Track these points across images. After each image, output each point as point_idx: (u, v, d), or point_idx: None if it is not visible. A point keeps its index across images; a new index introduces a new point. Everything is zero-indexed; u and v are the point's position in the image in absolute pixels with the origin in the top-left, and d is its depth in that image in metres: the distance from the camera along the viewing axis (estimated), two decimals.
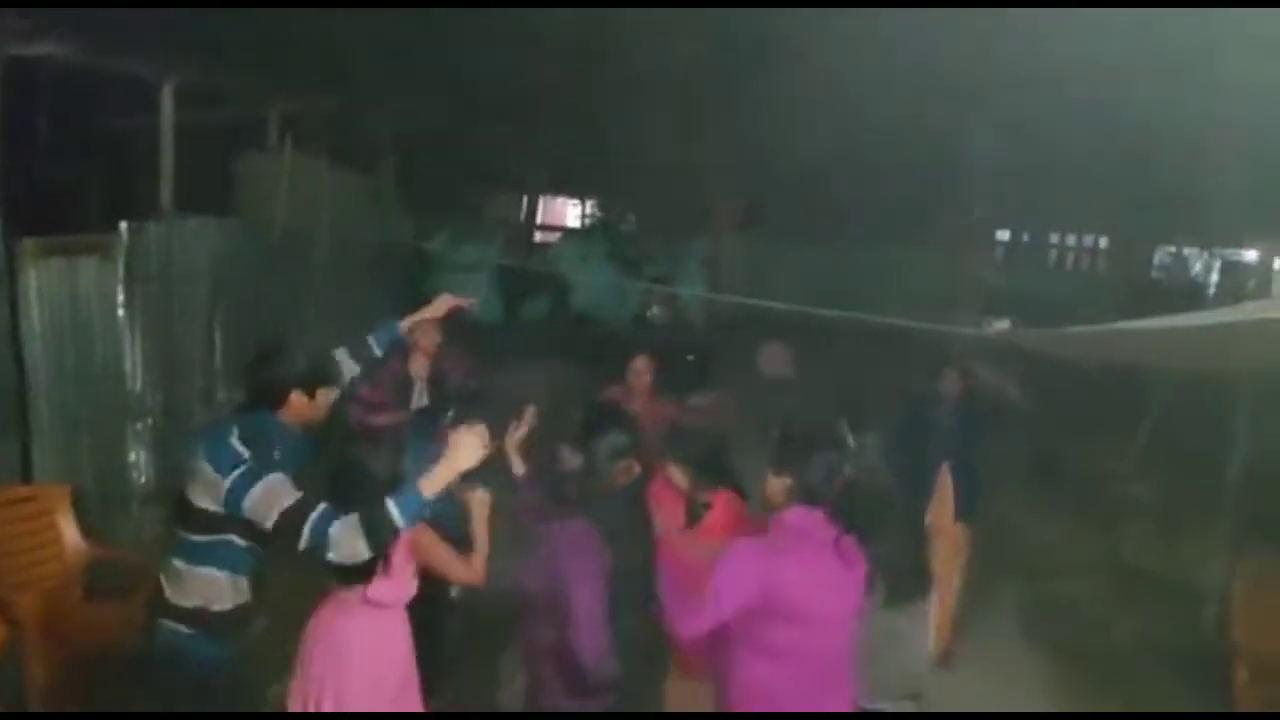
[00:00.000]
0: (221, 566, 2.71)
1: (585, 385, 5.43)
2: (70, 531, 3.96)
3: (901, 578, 4.72)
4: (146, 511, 5.12)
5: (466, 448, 2.42)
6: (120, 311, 5.04)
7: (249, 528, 2.61)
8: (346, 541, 2.39)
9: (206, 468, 2.59)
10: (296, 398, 2.78)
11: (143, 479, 5.16)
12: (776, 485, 2.58)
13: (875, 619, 3.02)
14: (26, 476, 4.42)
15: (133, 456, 5.10)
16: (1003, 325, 4.28)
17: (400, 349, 3.66)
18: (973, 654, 4.98)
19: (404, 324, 3.43)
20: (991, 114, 9.75)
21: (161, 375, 5.28)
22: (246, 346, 5.89)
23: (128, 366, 5.13)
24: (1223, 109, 7.83)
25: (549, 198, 16.54)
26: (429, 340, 4.09)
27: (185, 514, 2.68)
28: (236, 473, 2.54)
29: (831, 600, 2.52)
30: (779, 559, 2.48)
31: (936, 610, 4.85)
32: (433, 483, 2.40)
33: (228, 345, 5.86)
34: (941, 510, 4.71)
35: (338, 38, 7.44)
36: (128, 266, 5.07)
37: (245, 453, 2.58)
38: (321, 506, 2.46)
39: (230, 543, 2.69)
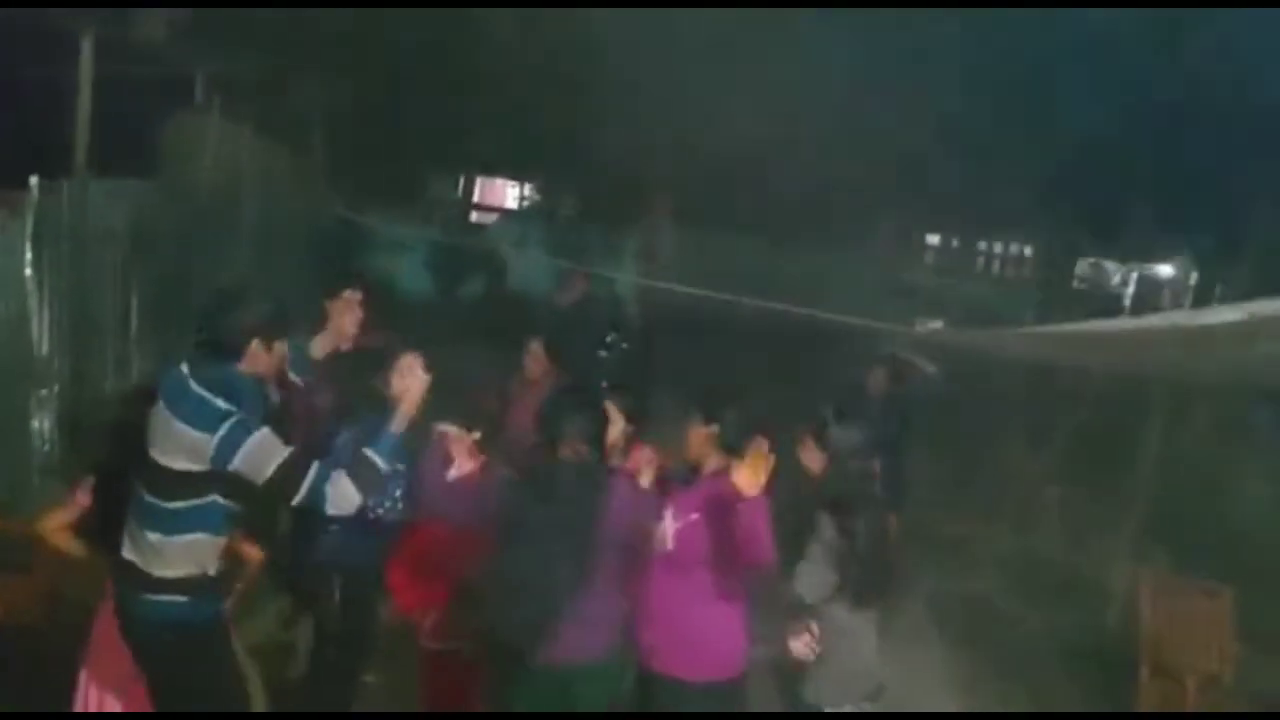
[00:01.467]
0: (206, 530, 2.58)
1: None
2: None
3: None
4: (49, 483, 4.88)
5: (412, 382, 2.69)
6: (27, 270, 4.79)
7: (235, 484, 2.52)
8: (342, 493, 2.49)
9: (181, 426, 2.46)
10: (256, 347, 2.62)
11: (46, 448, 4.92)
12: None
13: (830, 618, 3.06)
14: None
15: (36, 424, 4.86)
16: (935, 325, 4.38)
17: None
18: (890, 648, 5.08)
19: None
20: (927, 119, 9.91)
21: (71, 340, 5.03)
22: (164, 314, 5.68)
23: (33, 330, 4.88)
24: (1145, 127, 8.12)
25: (487, 179, 16.31)
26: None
27: (156, 480, 2.52)
28: (225, 426, 2.44)
29: None
30: None
31: None
32: (399, 420, 2.62)
33: (144, 312, 5.62)
34: None
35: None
36: (36, 224, 4.81)
37: (226, 405, 2.48)
38: (316, 462, 2.50)
39: (213, 504, 2.56)
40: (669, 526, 3.12)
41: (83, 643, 2.99)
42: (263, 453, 2.46)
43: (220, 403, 2.49)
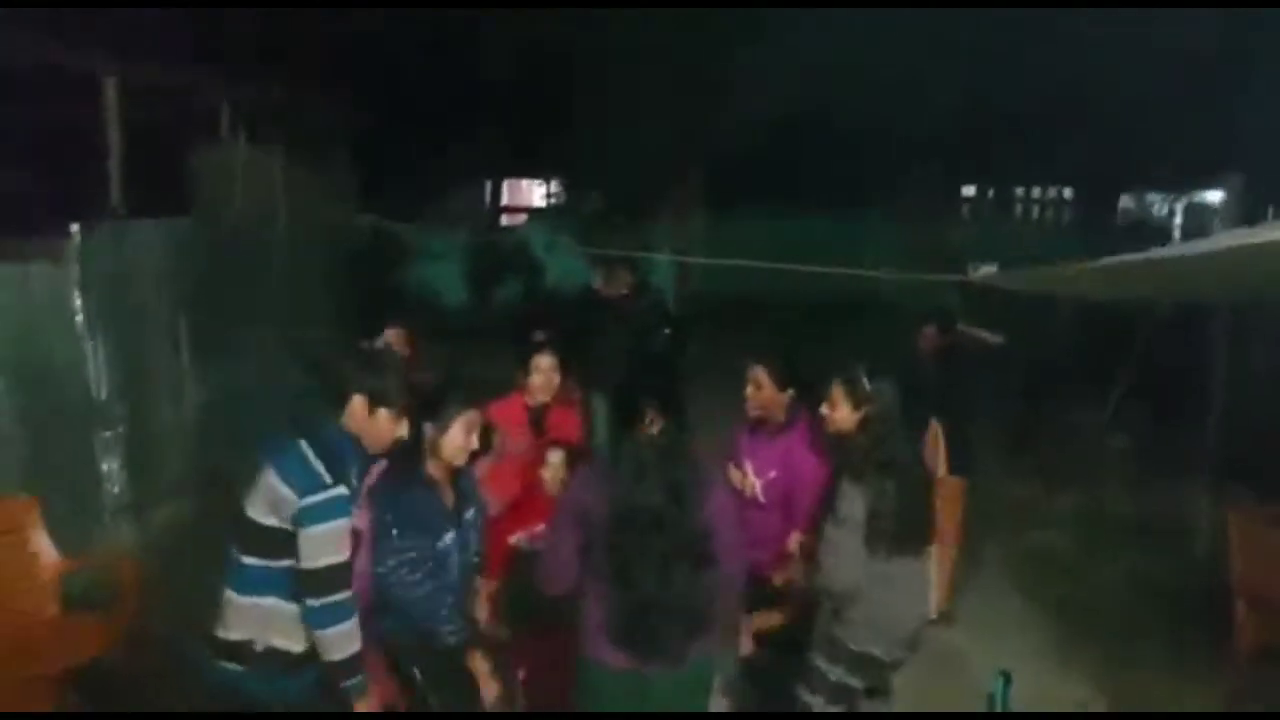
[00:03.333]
0: (276, 594, 2.48)
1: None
2: (42, 544, 3.82)
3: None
4: (120, 522, 4.98)
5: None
6: (78, 317, 4.87)
7: None
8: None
9: (278, 483, 2.43)
10: (359, 403, 2.54)
11: (115, 489, 5.01)
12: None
13: (873, 566, 2.95)
14: None
15: (104, 466, 4.94)
16: (989, 269, 4.26)
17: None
18: (968, 612, 4.99)
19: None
20: (950, 69, 9.71)
21: (126, 380, 5.11)
22: (213, 346, 5.76)
23: (90, 373, 4.97)
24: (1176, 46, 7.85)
25: (512, 180, 16.35)
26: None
27: (242, 532, 2.48)
28: (320, 495, 2.39)
29: None
30: None
31: (936, 569, 4.84)
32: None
33: (193, 346, 5.70)
34: (934, 466, 4.69)
35: (278, 26, 7.23)
36: (82, 270, 4.89)
37: (326, 476, 2.42)
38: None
39: (289, 569, 2.45)
40: (755, 481, 3.36)
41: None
42: (328, 542, 2.41)
43: (318, 466, 2.43)
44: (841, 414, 3.11)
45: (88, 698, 3.63)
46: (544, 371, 3.71)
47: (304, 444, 2.47)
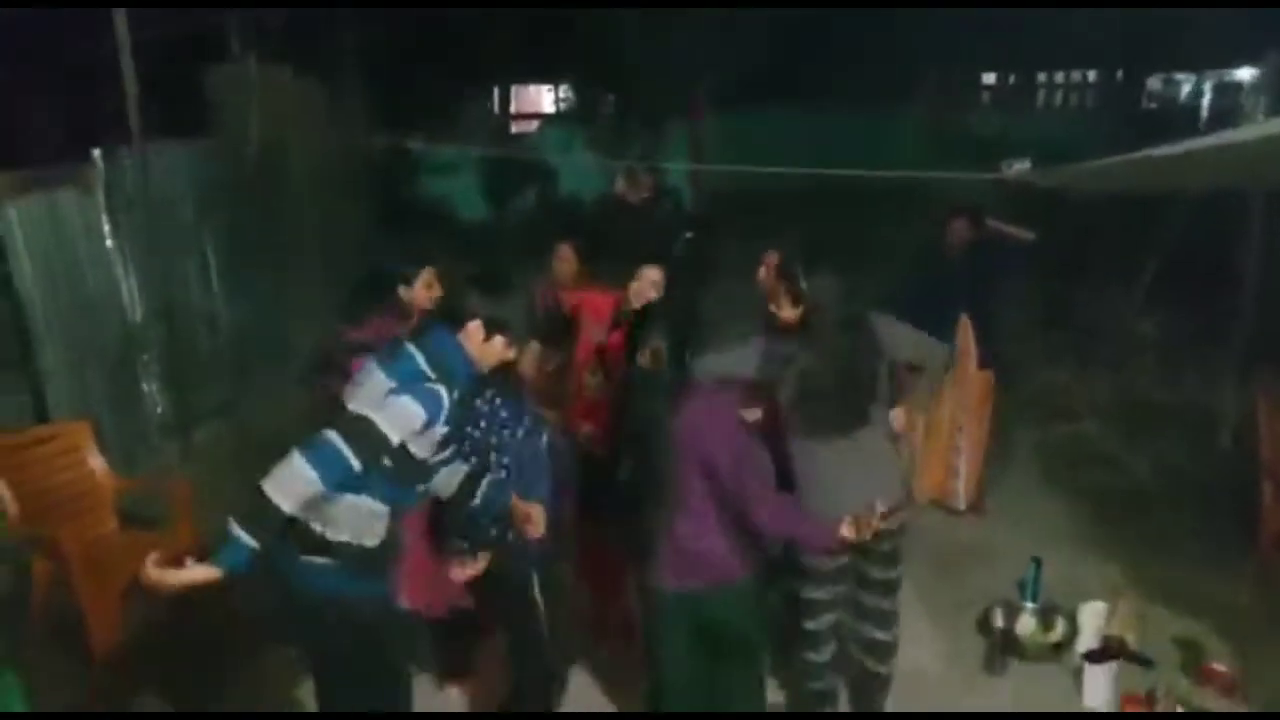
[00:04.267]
0: (369, 494, 2.44)
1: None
2: (98, 465, 3.95)
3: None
4: (167, 442, 5.11)
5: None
6: (108, 242, 4.91)
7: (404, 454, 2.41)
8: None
9: (379, 373, 2.42)
10: (475, 327, 2.58)
11: (159, 409, 5.13)
12: None
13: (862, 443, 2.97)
14: (42, 418, 4.38)
15: (145, 388, 5.05)
16: (1023, 166, 4.18)
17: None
18: (999, 502, 5.08)
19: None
20: None
21: (160, 303, 5.17)
22: (241, 266, 5.80)
23: (124, 298, 5.03)
24: None
25: (522, 86, 16.03)
26: None
27: (346, 428, 2.37)
28: (413, 388, 2.37)
29: None
30: None
31: (965, 460, 4.92)
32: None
33: (221, 267, 5.74)
34: (965, 360, 4.71)
35: None
36: (107, 195, 4.91)
37: (430, 372, 2.43)
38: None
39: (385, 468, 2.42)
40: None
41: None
42: (405, 416, 2.35)
43: (422, 362, 2.44)
44: (785, 311, 3.09)
45: (154, 609, 3.84)
46: (645, 279, 3.65)
47: (412, 347, 2.49)
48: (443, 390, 2.42)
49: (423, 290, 3.29)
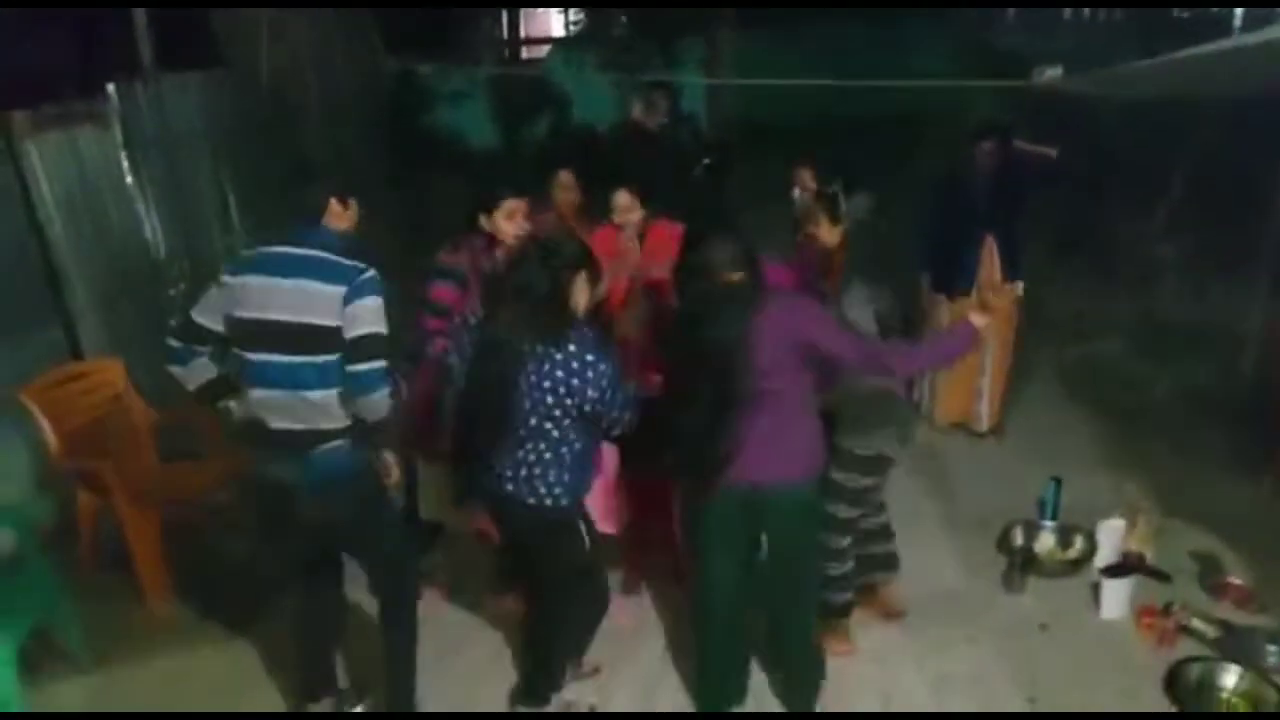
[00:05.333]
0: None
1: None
2: (133, 399, 4.04)
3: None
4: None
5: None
6: (128, 178, 4.92)
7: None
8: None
9: (321, 287, 2.55)
10: (334, 205, 2.76)
11: None
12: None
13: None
14: (76, 355, 4.45)
15: (174, 323, 5.10)
16: (1055, 72, 4.10)
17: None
18: (1019, 421, 5.12)
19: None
20: None
21: (183, 239, 5.20)
22: (260, 197, 5.79)
23: (148, 234, 5.06)
24: None
25: (531, 9, 15.66)
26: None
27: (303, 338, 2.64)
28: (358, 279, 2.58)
29: None
30: None
31: (989, 382, 4.94)
32: None
33: (240, 199, 5.74)
34: (989, 281, 4.69)
35: None
36: (124, 131, 4.90)
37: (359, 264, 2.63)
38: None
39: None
40: None
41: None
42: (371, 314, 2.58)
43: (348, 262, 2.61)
44: (824, 231, 3.25)
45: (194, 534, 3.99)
46: (621, 210, 3.71)
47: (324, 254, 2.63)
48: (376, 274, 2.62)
49: (504, 221, 3.29)
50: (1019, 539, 4.02)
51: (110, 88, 4.85)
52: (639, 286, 3.49)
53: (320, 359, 2.55)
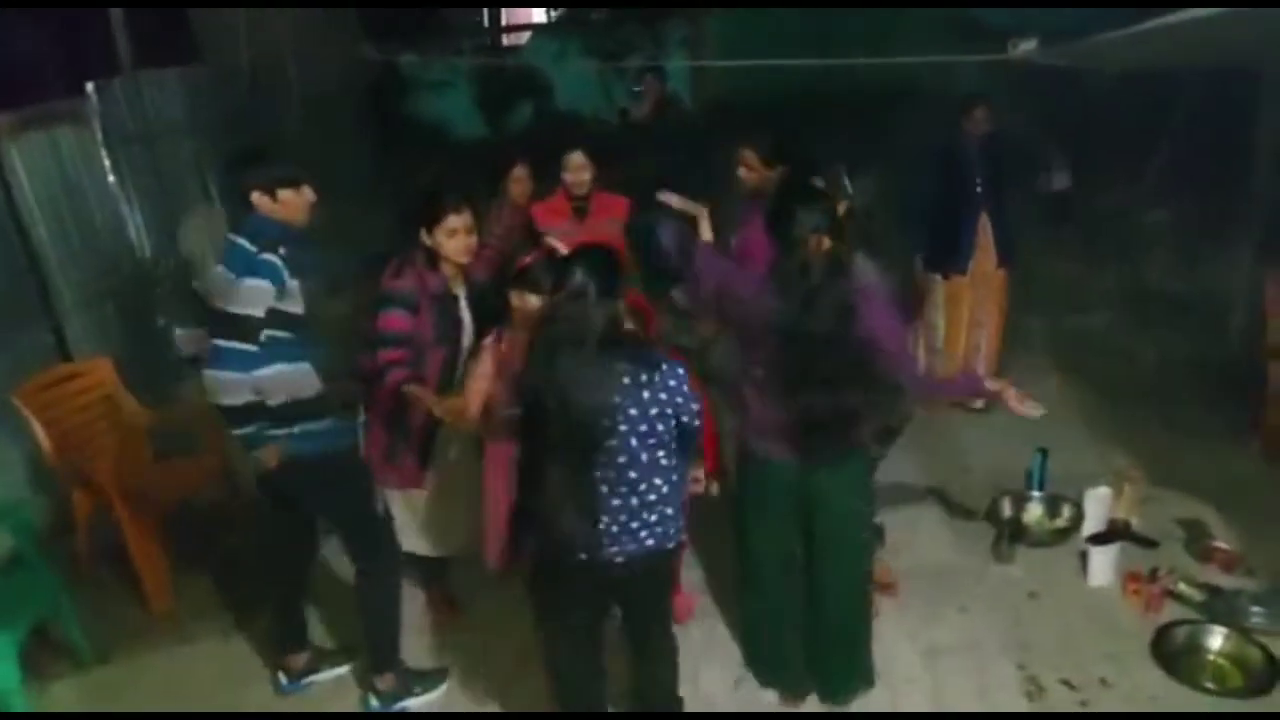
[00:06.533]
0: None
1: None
2: (125, 399, 4.04)
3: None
4: (188, 371, 5.18)
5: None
6: (110, 177, 4.90)
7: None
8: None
9: (222, 271, 2.75)
10: (258, 198, 2.78)
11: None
12: None
13: None
14: (65, 356, 4.45)
15: (162, 322, 5.11)
16: (1029, 46, 4.12)
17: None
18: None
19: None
20: None
21: (168, 237, 5.19)
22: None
23: (132, 233, 5.05)
24: None
25: None
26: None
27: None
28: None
29: None
30: None
31: (984, 360, 4.98)
32: None
33: (224, 194, 5.72)
34: (984, 258, 4.72)
35: None
36: (104, 129, 4.88)
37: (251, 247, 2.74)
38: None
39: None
40: None
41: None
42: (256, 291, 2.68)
43: (246, 243, 2.74)
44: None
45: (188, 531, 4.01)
46: (574, 168, 3.97)
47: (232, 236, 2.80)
48: (273, 257, 2.72)
49: (445, 238, 3.11)
50: (1007, 510, 4.07)
51: (89, 86, 4.82)
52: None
53: (237, 344, 2.68)
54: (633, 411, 2.28)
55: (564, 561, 2.39)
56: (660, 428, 2.31)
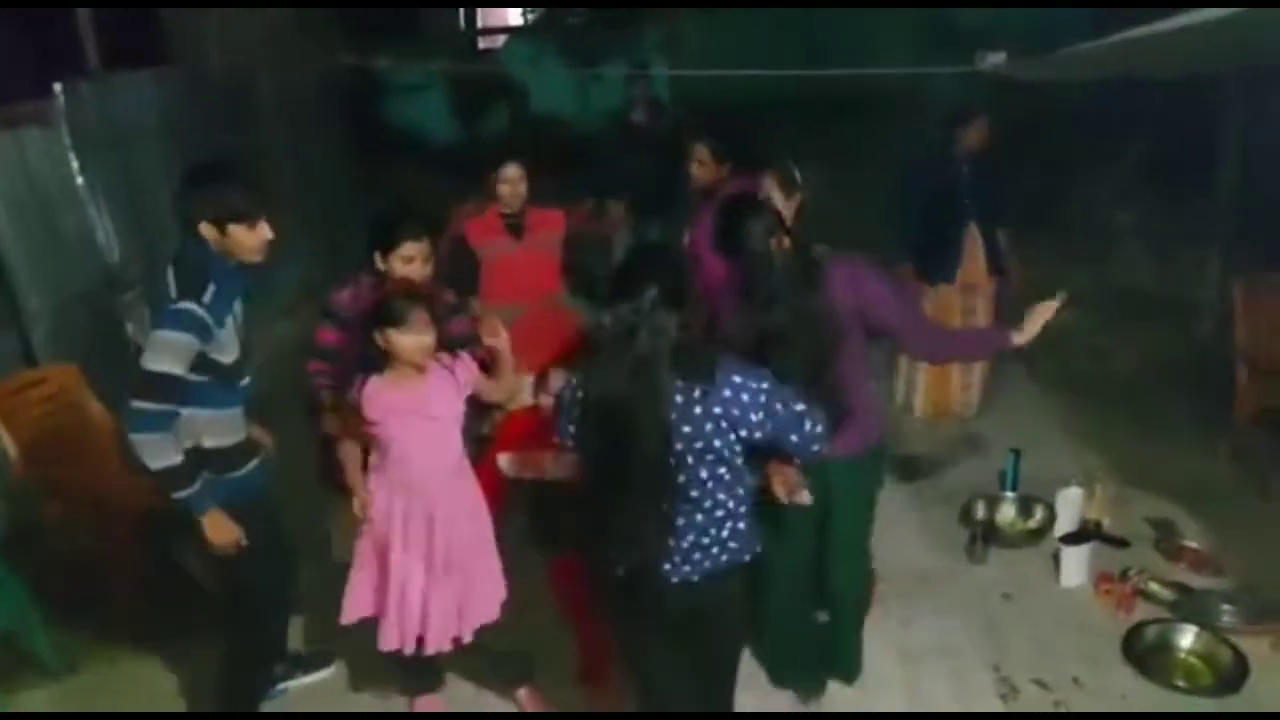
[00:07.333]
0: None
1: (568, 196, 5.31)
2: (93, 406, 3.98)
3: None
4: None
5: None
6: (78, 180, 4.83)
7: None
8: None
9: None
10: (206, 229, 2.52)
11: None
12: None
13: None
14: (30, 361, 4.38)
15: (129, 328, 5.04)
16: (998, 59, 4.15)
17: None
18: (989, 399, 5.18)
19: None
20: None
21: (138, 242, 5.12)
22: None
23: (101, 237, 4.98)
24: None
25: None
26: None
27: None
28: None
29: None
30: None
31: (979, 372, 4.99)
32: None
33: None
34: (972, 266, 4.73)
35: None
36: (71, 132, 4.80)
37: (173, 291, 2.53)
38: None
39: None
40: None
41: None
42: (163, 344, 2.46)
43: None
44: (776, 201, 3.21)
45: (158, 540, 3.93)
46: (511, 181, 3.78)
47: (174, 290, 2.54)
48: (192, 306, 2.47)
49: (400, 264, 2.99)
50: (980, 511, 4.10)
51: (57, 87, 4.75)
52: None
53: (149, 405, 2.50)
54: (686, 429, 2.13)
55: (634, 584, 2.28)
56: (718, 443, 2.16)
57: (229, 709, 2.98)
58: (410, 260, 2.95)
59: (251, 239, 2.57)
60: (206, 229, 2.52)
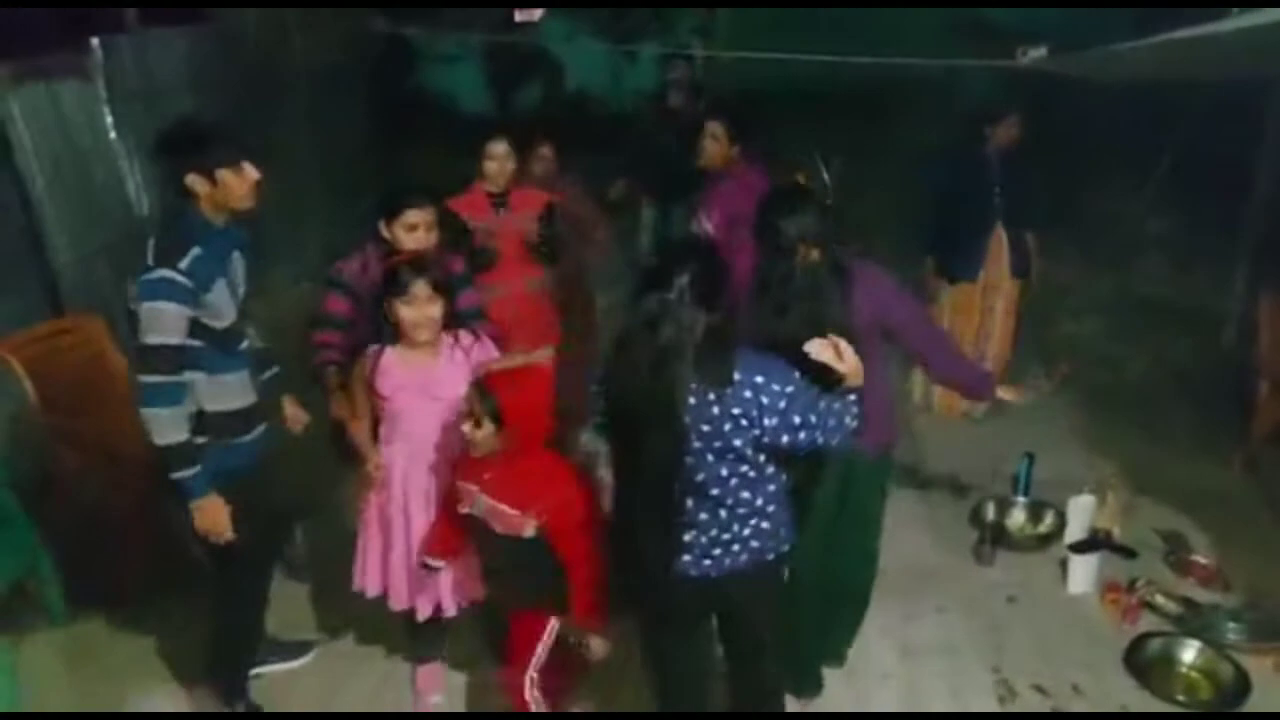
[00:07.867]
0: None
1: (600, 174, 5.31)
2: (115, 358, 4.02)
3: None
4: None
5: None
6: (111, 134, 4.87)
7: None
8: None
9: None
10: (194, 180, 2.53)
11: None
12: None
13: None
14: (57, 312, 4.43)
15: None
16: (1039, 53, 4.09)
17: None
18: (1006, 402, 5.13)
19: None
20: None
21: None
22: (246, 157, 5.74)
23: (130, 191, 5.02)
24: None
25: None
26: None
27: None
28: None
29: None
30: None
31: (992, 365, 4.95)
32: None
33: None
34: (995, 267, 4.69)
35: None
36: (108, 85, 4.84)
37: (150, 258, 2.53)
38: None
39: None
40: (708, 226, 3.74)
41: None
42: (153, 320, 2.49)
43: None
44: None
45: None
46: (498, 158, 3.72)
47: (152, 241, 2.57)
48: (168, 273, 2.48)
49: (403, 233, 3.02)
50: (990, 514, 4.08)
51: (94, 42, 4.79)
52: None
53: (154, 378, 2.54)
54: (705, 428, 2.10)
55: (655, 580, 2.27)
56: (738, 442, 2.11)
57: (217, 679, 3.05)
58: (414, 228, 2.96)
59: (241, 184, 2.58)
60: (195, 181, 2.53)
